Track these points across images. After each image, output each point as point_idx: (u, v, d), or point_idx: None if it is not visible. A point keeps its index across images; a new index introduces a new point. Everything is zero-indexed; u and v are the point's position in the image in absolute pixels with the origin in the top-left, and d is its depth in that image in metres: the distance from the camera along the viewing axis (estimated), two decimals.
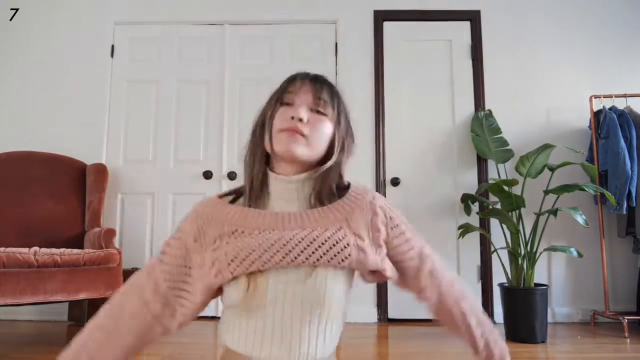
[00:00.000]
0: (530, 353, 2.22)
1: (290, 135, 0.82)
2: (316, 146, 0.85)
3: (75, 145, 3.03)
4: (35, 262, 2.07)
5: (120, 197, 3.09)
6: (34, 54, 3.19)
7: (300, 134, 0.83)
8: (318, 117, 0.86)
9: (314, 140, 0.84)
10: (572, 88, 3.12)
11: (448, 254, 3.01)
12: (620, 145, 2.76)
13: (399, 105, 3.14)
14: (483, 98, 3.13)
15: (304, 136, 0.83)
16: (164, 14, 3.23)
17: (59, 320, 2.88)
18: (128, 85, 3.20)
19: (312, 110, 0.86)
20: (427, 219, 3.00)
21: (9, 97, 3.15)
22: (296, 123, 0.83)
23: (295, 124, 0.83)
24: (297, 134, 0.83)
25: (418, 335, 2.61)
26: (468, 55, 3.18)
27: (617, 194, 2.72)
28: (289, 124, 0.83)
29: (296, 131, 0.83)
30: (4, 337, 2.50)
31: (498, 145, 2.96)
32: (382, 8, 3.21)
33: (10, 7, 3.21)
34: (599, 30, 3.18)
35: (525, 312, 2.42)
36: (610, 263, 2.94)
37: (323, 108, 0.87)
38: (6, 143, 2.96)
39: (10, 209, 2.65)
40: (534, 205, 2.73)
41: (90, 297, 2.22)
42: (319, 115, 0.86)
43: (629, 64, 3.15)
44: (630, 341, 2.43)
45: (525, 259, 2.51)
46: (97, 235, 2.44)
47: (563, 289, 2.98)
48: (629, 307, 2.87)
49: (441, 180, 3.07)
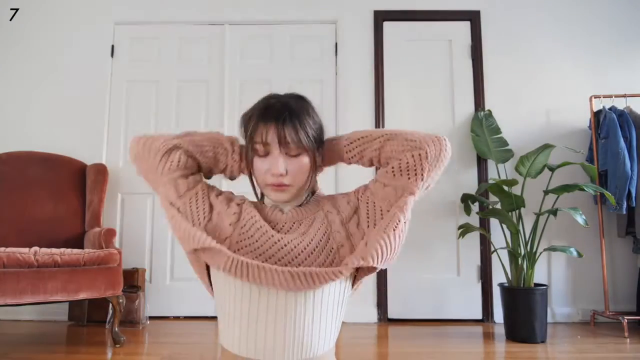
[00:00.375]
0: (530, 353, 2.22)
1: (276, 190, 0.91)
2: (301, 186, 0.94)
3: (75, 145, 3.03)
4: (35, 262, 2.07)
5: (120, 197, 3.09)
6: (34, 53, 3.19)
7: (284, 185, 0.91)
8: (294, 161, 0.91)
9: (298, 183, 0.92)
10: (572, 88, 3.12)
11: (448, 254, 3.01)
12: (620, 145, 2.76)
13: (399, 105, 3.14)
14: (483, 98, 3.13)
15: (287, 186, 0.91)
16: (164, 14, 3.23)
17: (59, 320, 2.88)
18: (128, 85, 3.20)
19: (288, 154, 0.91)
20: (427, 219, 3.00)
21: (9, 97, 3.15)
22: (278, 179, 0.90)
23: (277, 180, 0.90)
24: (282, 187, 0.91)
25: (418, 335, 2.61)
26: (468, 55, 3.18)
27: (617, 194, 2.72)
28: (272, 180, 0.91)
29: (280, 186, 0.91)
30: (4, 337, 2.50)
31: (498, 145, 2.96)
32: (382, 8, 3.21)
33: (10, 7, 3.21)
34: (599, 30, 3.18)
35: (525, 312, 2.42)
36: (610, 263, 2.94)
37: (296, 150, 0.90)
38: (6, 143, 2.96)
39: (11, 209, 2.65)
40: (534, 205, 2.73)
41: (90, 297, 2.22)
42: (294, 158, 0.91)
43: (629, 64, 3.15)
44: (630, 341, 2.43)
45: (525, 259, 2.51)
46: (97, 235, 2.44)
47: (563, 289, 2.98)
48: (629, 307, 2.87)
49: (441, 180, 3.04)
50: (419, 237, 2.97)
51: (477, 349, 2.33)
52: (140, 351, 2.23)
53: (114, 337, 2.27)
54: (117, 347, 2.25)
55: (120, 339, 2.28)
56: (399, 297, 2.97)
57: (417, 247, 2.98)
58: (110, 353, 2.18)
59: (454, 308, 2.96)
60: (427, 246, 3.00)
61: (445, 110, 3.14)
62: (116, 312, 2.29)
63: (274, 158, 0.89)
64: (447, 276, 3.00)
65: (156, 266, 3.03)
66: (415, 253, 2.98)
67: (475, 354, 2.25)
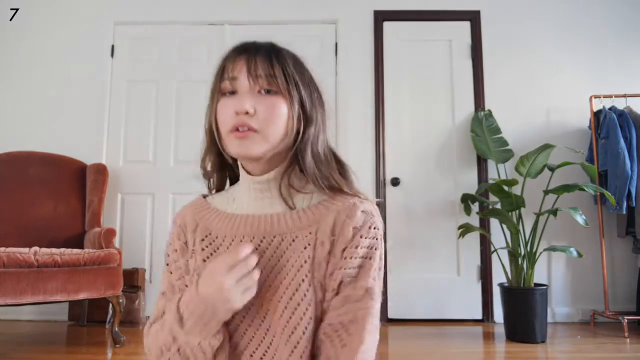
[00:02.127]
0: (530, 353, 2.22)
1: (239, 136, 0.71)
2: (274, 137, 0.72)
3: (75, 145, 3.03)
4: (35, 262, 2.07)
5: (120, 197, 3.09)
6: (34, 54, 3.19)
7: (250, 130, 0.70)
8: (266, 99, 0.72)
9: (268, 132, 0.71)
10: (572, 88, 3.12)
11: (448, 254, 3.01)
12: (620, 145, 2.76)
13: (399, 105, 3.14)
14: (483, 98, 3.13)
15: (255, 131, 0.71)
16: (164, 14, 3.23)
17: (59, 320, 2.88)
18: (128, 85, 3.20)
19: (260, 91, 0.72)
20: (427, 219, 3.00)
21: (9, 97, 3.15)
22: (243, 119, 0.70)
23: (241, 120, 0.70)
24: (247, 132, 0.70)
25: (418, 335, 2.61)
26: (468, 55, 3.18)
27: (616, 194, 2.72)
28: (234, 121, 0.71)
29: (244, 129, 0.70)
30: (4, 337, 2.50)
31: (498, 145, 2.96)
32: (382, 8, 3.21)
33: (10, 7, 3.21)
34: (599, 30, 3.18)
35: (525, 312, 2.42)
36: (610, 263, 2.94)
37: (268, 84, 0.72)
38: (6, 143, 2.96)
39: (11, 209, 2.65)
40: (534, 205, 2.73)
41: (90, 297, 2.22)
42: (268, 96, 0.72)
43: (629, 64, 3.15)
44: (630, 341, 2.43)
45: (525, 259, 2.51)
46: (97, 235, 2.44)
47: (563, 289, 2.98)
48: (629, 307, 2.87)
49: (441, 180, 3.07)
50: (419, 237, 2.98)
51: (477, 349, 2.34)
52: (140, 351, 2.23)
53: (114, 337, 2.27)
54: (117, 347, 2.25)
55: (120, 339, 2.28)
56: (399, 297, 2.97)
57: (417, 247, 2.98)
58: (110, 353, 2.18)
59: (454, 308, 2.96)
60: (427, 246, 2.99)
61: (445, 110, 3.14)
62: (116, 312, 2.29)
63: (240, 94, 0.72)
64: (447, 276, 3.00)
65: (156, 266, 3.02)
66: (415, 253, 2.98)
67: (475, 354, 2.25)
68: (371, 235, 0.73)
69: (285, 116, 0.73)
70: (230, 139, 0.72)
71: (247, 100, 0.71)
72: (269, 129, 0.71)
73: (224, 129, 0.73)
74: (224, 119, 0.73)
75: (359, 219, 0.72)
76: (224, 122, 0.73)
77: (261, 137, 0.71)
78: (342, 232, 0.71)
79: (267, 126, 0.71)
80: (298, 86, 0.75)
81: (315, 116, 0.77)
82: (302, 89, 0.76)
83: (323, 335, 0.69)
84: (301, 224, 0.73)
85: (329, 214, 0.73)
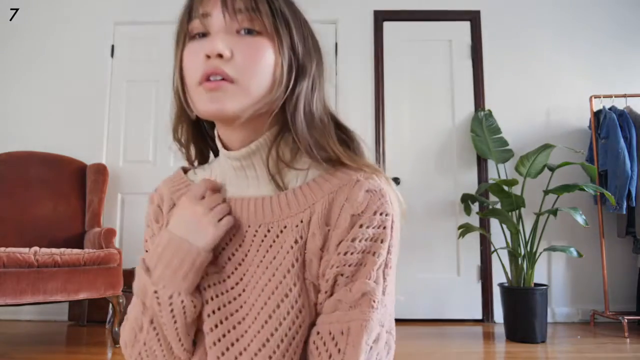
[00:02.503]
0: (530, 353, 2.22)
1: (211, 87, 0.54)
2: (256, 89, 0.55)
3: (75, 145, 3.03)
4: (35, 262, 2.07)
5: (120, 197, 3.09)
6: (34, 54, 3.19)
7: (225, 80, 0.54)
8: (248, 41, 0.55)
9: (249, 83, 0.54)
10: (572, 88, 3.12)
11: (448, 254, 3.01)
12: (620, 145, 2.76)
13: (399, 105, 3.14)
14: (483, 98, 3.13)
15: (231, 81, 0.54)
16: (164, 14, 3.22)
17: (59, 320, 2.88)
18: (128, 85, 3.20)
19: (239, 32, 0.56)
20: (427, 219, 3.00)
21: (9, 97, 3.15)
22: (215, 63, 0.54)
23: (212, 65, 0.54)
24: (221, 82, 0.54)
25: (418, 335, 2.61)
26: (468, 55, 3.18)
27: (616, 194, 2.72)
28: (204, 68, 0.54)
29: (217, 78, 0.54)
30: (4, 337, 2.50)
31: (498, 145, 2.96)
32: (382, 8, 3.21)
33: (10, 7, 3.21)
34: (599, 30, 3.18)
35: (525, 312, 2.42)
36: (610, 263, 2.93)
37: (249, 22, 0.55)
38: (6, 143, 2.95)
39: (11, 209, 2.65)
40: (534, 205, 2.73)
41: (90, 297, 2.22)
42: (248, 37, 0.55)
43: (629, 64, 3.15)
44: (630, 341, 2.43)
45: (525, 259, 2.51)
46: (97, 235, 2.44)
47: (563, 289, 2.98)
48: (629, 307, 2.87)
49: (441, 180, 3.07)
50: (419, 237, 2.97)
51: (477, 349, 2.34)
52: None
53: (114, 337, 2.27)
54: (117, 347, 2.25)
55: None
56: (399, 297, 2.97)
57: (417, 247, 2.98)
58: (110, 353, 2.18)
59: (454, 308, 2.96)
60: (427, 246, 2.99)
61: (445, 110, 3.14)
62: (116, 312, 2.29)
63: (213, 34, 0.55)
64: (447, 276, 3.00)
65: None
66: (415, 253, 2.98)
67: (475, 354, 2.25)
68: (376, 223, 0.55)
69: (271, 63, 0.56)
70: (198, 93, 0.55)
71: (221, 39, 0.54)
72: (249, 79, 0.54)
73: (191, 80, 0.57)
74: (191, 66, 0.56)
75: (361, 201, 0.55)
76: (191, 71, 0.56)
77: (239, 89, 0.54)
78: (339, 221, 0.55)
79: (247, 74, 0.54)
80: (289, 26, 0.58)
81: (309, 67, 0.60)
82: (294, 30, 0.58)
83: (312, 345, 0.56)
84: (290, 210, 0.57)
85: (324, 195, 0.56)
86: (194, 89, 0.56)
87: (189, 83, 0.57)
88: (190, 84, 0.57)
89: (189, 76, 0.57)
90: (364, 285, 0.54)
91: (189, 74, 0.57)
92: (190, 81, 0.57)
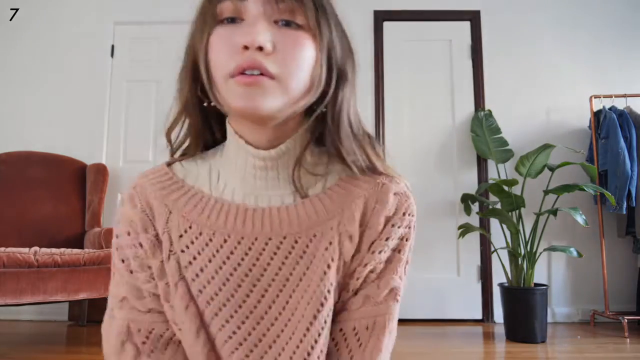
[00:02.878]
0: (530, 353, 2.22)
1: (247, 82, 0.48)
2: (296, 89, 0.51)
3: (75, 145, 3.03)
4: (35, 262, 2.07)
5: (120, 197, 3.08)
6: (34, 53, 3.19)
7: (265, 76, 0.48)
8: (289, 34, 0.50)
9: (290, 81, 0.50)
10: (572, 88, 3.12)
11: (448, 254, 3.01)
12: (620, 145, 2.76)
13: (399, 105, 3.14)
14: (483, 98, 3.13)
15: (271, 77, 0.49)
16: (164, 14, 3.23)
17: (59, 320, 2.88)
18: (128, 85, 3.20)
19: (277, 22, 0.50)
20: (427, 219, 3.00)
21: (9, 97, 3.15)
22: (254, 56, 0.48)
23: (252, 58, 0.48)
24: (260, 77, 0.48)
25: (418, 335, 2.61)
26: (468, 55, 3.18)
27: (617, 194, 2.72)
28: (243, 60, 0.48)
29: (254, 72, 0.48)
30: (4, 337, 2.50)
31: (498, 145, 2.96)
32: (382, 8, 3.21)
33: (10, 7, 3.21)
34: (599, 30, 3.18)
35: (525, 312, 2.42)
36: (610, 263, 2.93)
37: (290, 14, 0.50)
38: (6, 143, 2.95)
39: (10, 209, 2.65)
40: (534, 205, 2.73)
41: (90, 297, 2.22)
42: (289, 30, 0.50)
43: (629, 64, 3.15)
44: (630, 341, 2.43)
45: (525, 259, 2.51)
46: (98, 235, 2.44)
47: (563, 289, 2.98)
48: (629, 307, 2.87)
49: (441, 180, 3.07)
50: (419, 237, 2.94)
51: (477, 349, 2.33)
52: None
53: None
54: None
55: None
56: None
57: (417, 247, 2.95)
58: None
59: (454, 308, 2.96)
60: (427, 246, 2.99)
61: (445, 110, 3.14)
62: None
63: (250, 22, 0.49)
64: (447, 276, 3.00)
65: None
66: (415, 253, 2.95)
67: (475, 354, 2.25)
68: (405, 223, 0.58)
69: (311, 62, 0.51)
70: (230, 87, 0.49)
71: (263, 29, 0.48)
72: (290, 77, 0.49)
73: (220, 71, 0.50)
74: (221, 56, 0.50)
75: (392, 204, 0.56)
76: (222, 61, 0.50)
77: (279, 87, 0.49)
78: (371, 223, 0.55)
79: (287, 72, 0.49)
80: (329, 23, 0.54)
81: (349, 70, 0.57)
82: (334, 28, 0.55)
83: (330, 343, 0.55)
84: (319, 218, 0.54)
85: (354, 200, 0.55)
86: (222, 81, 0.50)
87: (217, 74, 0.51)
88: (218, 75, 0.51)
89: (217, 67, 0.51)
90: (392, 281, 0.58)
91: (218, 65, 0.51)
92: (218, 72, 0.51)
